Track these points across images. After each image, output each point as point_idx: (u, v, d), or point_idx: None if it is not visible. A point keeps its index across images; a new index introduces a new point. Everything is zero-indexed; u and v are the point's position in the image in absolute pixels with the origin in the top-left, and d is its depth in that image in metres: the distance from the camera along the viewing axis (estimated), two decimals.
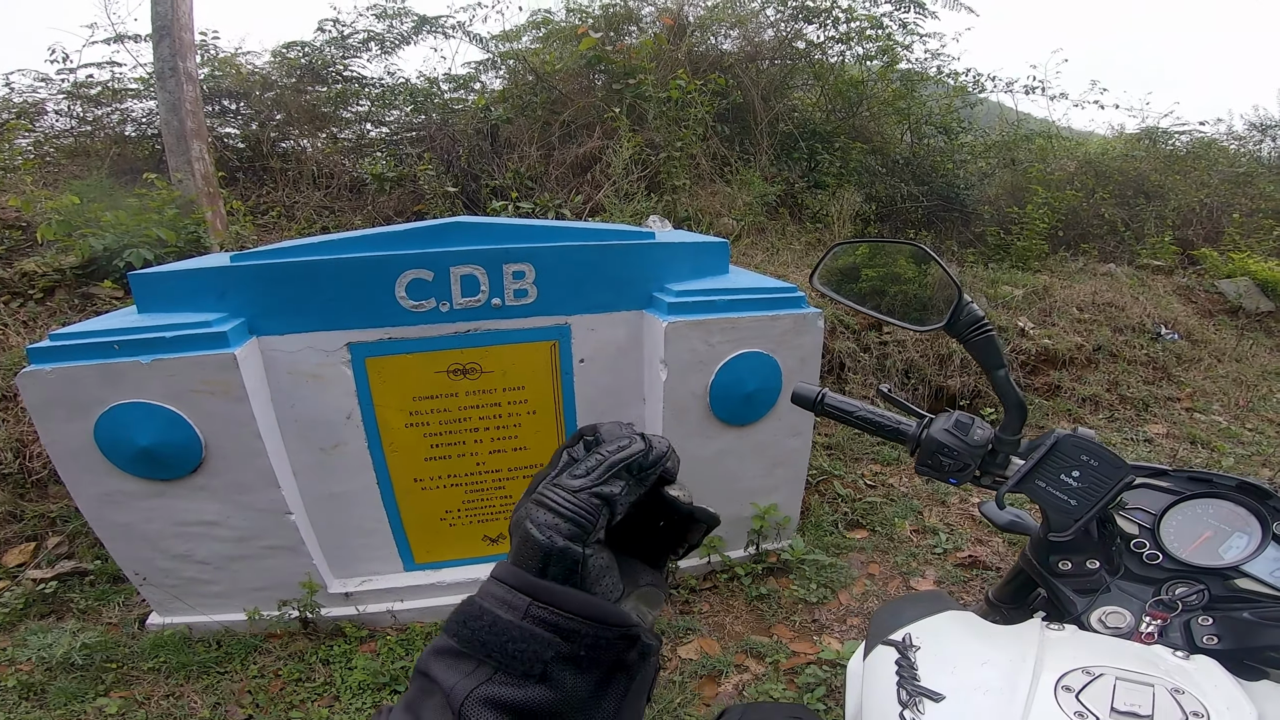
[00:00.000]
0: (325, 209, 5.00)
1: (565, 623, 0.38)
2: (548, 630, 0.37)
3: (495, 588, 0.40)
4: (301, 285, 1.85)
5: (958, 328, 0.85)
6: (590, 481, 0.40)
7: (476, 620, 0.39)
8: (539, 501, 0.41)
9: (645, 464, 0.42)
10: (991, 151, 6.82)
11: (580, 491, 0.40)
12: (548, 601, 0.38)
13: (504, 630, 0.38)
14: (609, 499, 0.40)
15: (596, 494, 0.40)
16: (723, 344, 2.04)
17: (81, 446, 1.76)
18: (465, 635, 0.38)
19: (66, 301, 3.24)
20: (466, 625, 0.39)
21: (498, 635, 0.38)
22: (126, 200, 3.69)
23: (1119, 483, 0.77)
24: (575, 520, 0.39)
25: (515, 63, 5.76)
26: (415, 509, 2.15)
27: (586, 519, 0.39)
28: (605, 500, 0.40)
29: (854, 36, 6.03)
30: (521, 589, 0.38)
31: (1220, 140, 7.67)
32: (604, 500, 0.40)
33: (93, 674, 1.95)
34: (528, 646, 0.37)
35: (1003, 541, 2.66)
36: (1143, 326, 4.58)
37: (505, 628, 0.38)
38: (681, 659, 2.04)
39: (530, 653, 0.37)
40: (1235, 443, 3.60)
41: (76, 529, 2.46)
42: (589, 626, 0.38)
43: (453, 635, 0.39)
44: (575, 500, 0.40)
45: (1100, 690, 0.59)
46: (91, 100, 5.34)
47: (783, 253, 4.62)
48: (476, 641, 0.38)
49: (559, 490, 0.40)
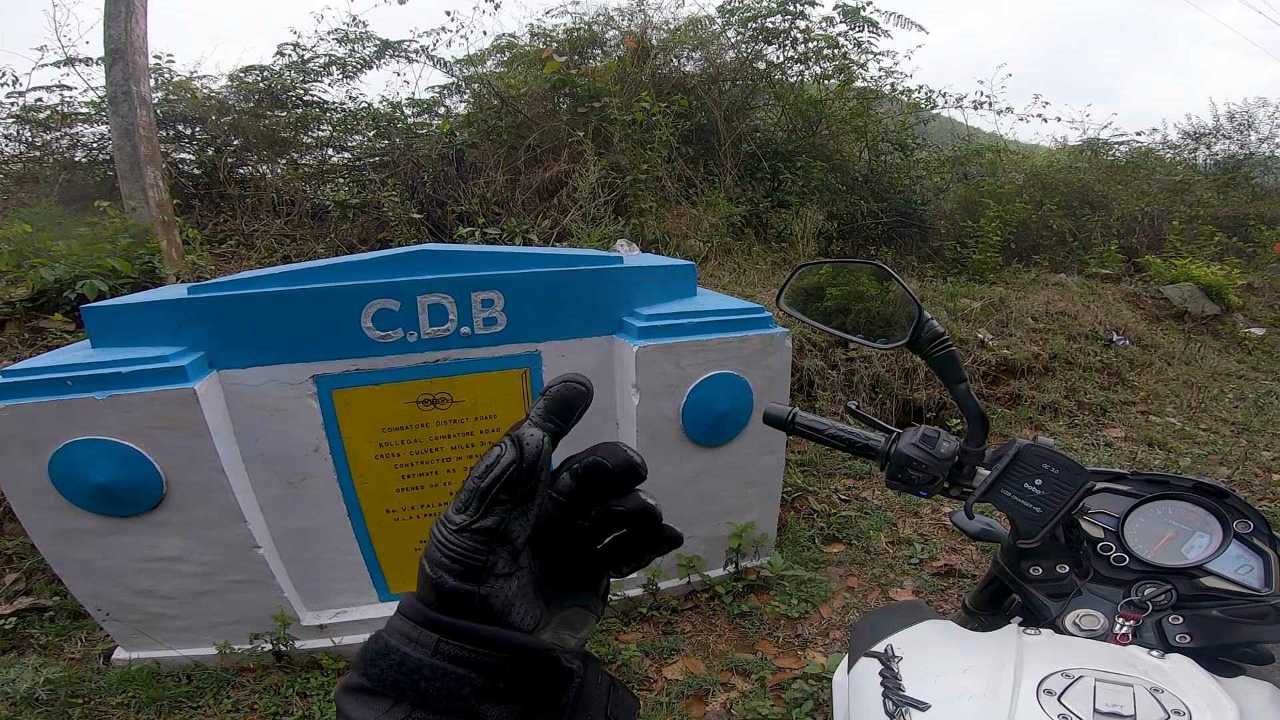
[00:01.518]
0: (286, 237, 4.91)
1: (478, 658, 0.36)
2: (461, 666, 0.35)
3: (402, 624, 0.37)
4: (263, 317, 1.81)
5: (919, 344, 0.87)
6: (468, 519, 0.36)
7: (385, 658, 0.36)
8: (431, 537, 0.38)
9: (519, 478, 0.36)
10: (945, 166, 7.05)
11: (461, 531, 0.36)
12: (456, 637, 0.36)
13: (415, 669, 0.35)
14: (493, 533, 0.36)
15: (477, 531, 0.36)
16: (693, 366, 2.05)
17: (36, 483, 1.70)
18: (375, 674, 0.36)
19: (16, 336, 3.11)
20: (375, 664, 0.36)
21: (409, 674, 0.35)
22: (78, 229, 3.57)
23: (1079, 489, 0.79)
24: (461, 562, 0.36)
25: (480, 86, 5.78)
26: (388, 540, 2.10)
27: (474, 560, 0.36)
28: (489, 534, 0.36)
29: (811, 56, 6.21)
30: (428, 625, 0.36)
31: (1157, 150, 8.06)
32: (488, 535, 0.36)
33: (59, 709, 1.89)
34: (443, 685, 0.35)
35: (976, 549, 2.72)
36: (1095, 334, 4.75)
37: (416, 666, 0.35)
38: (667, 679, 2.02)
39: (447, 690, 0.35)
40: (1191, 443, 3.74)
41: (34, 565, 2.38)
42: (503, 659, 0.36)
43: (362, 674, 0.37)
44: (457, 542, 0.36)
45: (1081, 692, 0.60)
46: (40, 125, 5.18)
47: (749, 272, 4.68)
48: (388, 680, 0.36)
49: (443, 528, 0.37)
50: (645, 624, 2.25)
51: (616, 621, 2.26)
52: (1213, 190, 7.59)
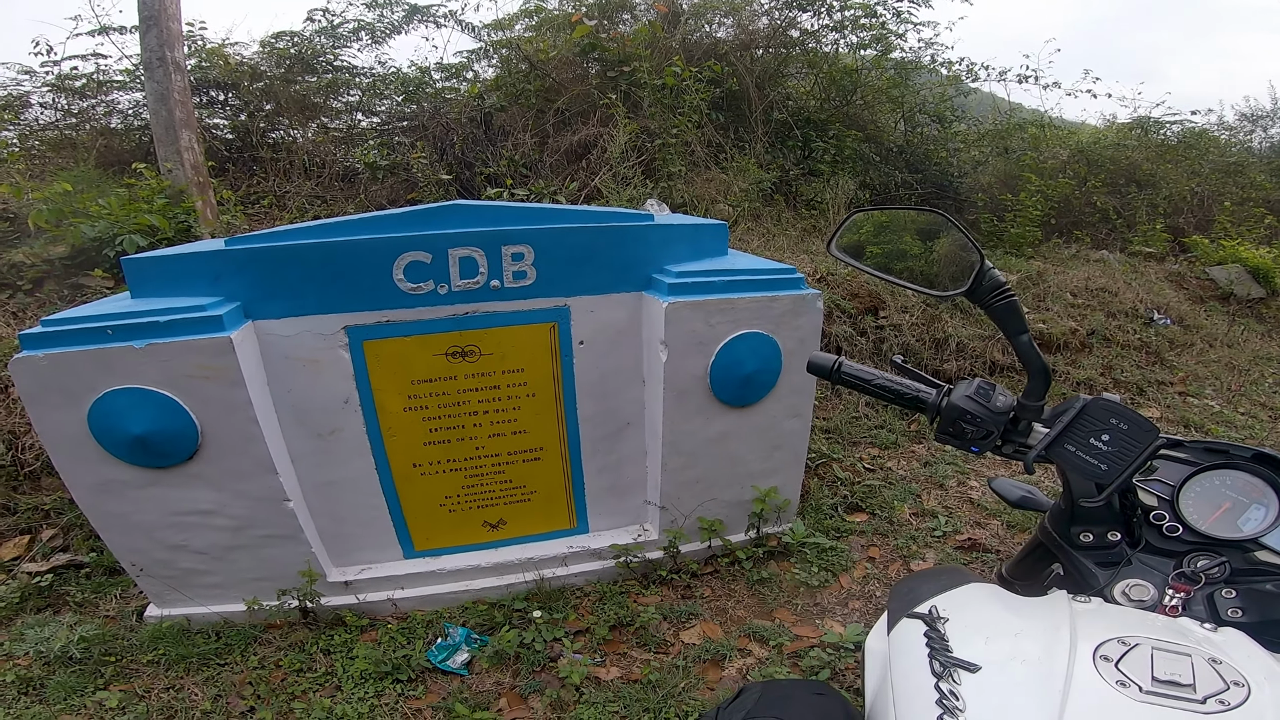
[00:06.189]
0: (317, 198, 4.95)
1: None
2: None
3: None
4: (298, 268, 1.83)
5: (979, 293, 0.84)
6: None
7: None
8: None
9: None
10: (985, 140, 6.84)
11: None
12: None
13: None
14: None
15: None
16: (722, 324, 2.03)
17: (75, 434, 1.73)
18: None
19: (56, 292, 3.19)
20: None
21: None
22: (115, 190, 3.64)
23: (1150, 445, 0.76)
24: None
25: (508, 51, 5.71)
26: (414, 495, 2.13)
27: None
28: None
29: (848, 25, 6.02)
30: None
31: (1211, 130, 7.72)
32: None
33: (91, 667, 1.92)
34: None
35: (1001, 524, 2.68)
36: (1135, 312, 4.61)
37: None
38: (685, 643, 2.04)
39: None
40: (1229, 426, 3.63)
41: (71, 521, 2.42)
42: None
43: None
44: None
45: (1138, 659, 0.58)
46: (76, 93, 5.25)
47: (778, 238, 4.62)
48: None
49: None
50: (664, 587, 2.27)
51: (636, 584, 2.27)
52: (1267, 174, 7.28)
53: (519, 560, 2.19)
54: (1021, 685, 0.60)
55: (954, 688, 0.60)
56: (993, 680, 0.61)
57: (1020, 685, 0.60)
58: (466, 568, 2.19)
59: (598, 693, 1.85)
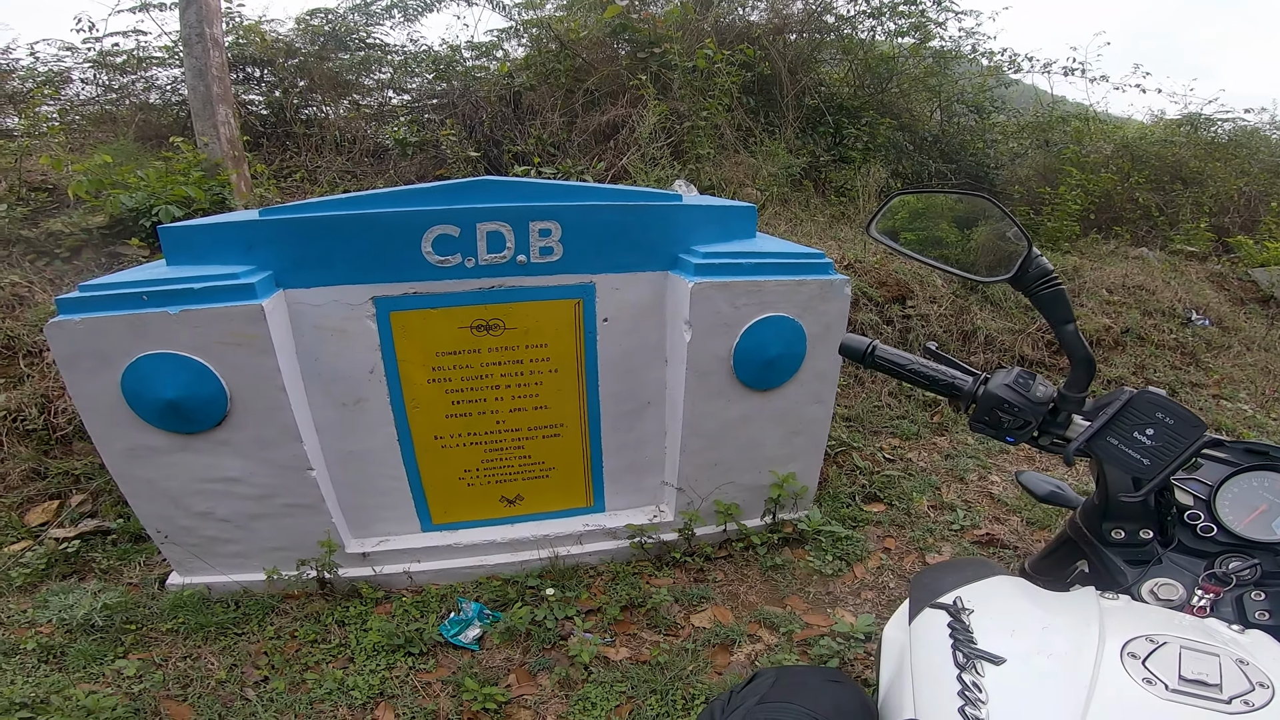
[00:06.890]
0: (347, 173, 5.02)
1: None
2: None
3: None
4: (329, 239, 1.85)
5: (1025, 280, 0.83)
6: None
7: None
8: None
9: None
10: (1024, 132, 6.68)
11: None
12: None
13: None
14: None
15: None
16: (748, 307, 2.01)
17: (108, 399, 1.76)
18: None
19: (93, 260, 3.27)
20: None
21: None
22: (153, 163, 3.72)
23: (1195, 441, 0.75)
24: None
25: (539, 30, 5.70)
26: (435, 467, 2.16)
27: None
28: None
29: (885, 11, 5.90)
30: None
31: (1263, 130, 7.45)
32: None
33: (112, 635, 1.93)
34: None
35: (1020, 520, 2.64)
36: (1173, 311, 4.48)
37: None
38: (695, 627, 2.04)
39: None
40: (1261, 432, 3.53)
41: (100, 486, 2.46)
42: None
43: None
44: None
45: (1166, 657, 0.58)
46: (117, 69, 5.37)
47: (806, 224, 4.57)
48: None
49: None
50: (677, 569, 2.27)
51: (649, 565, 2.28)
52: None
53: (534, 537, 2.21)
54: (1046, 679, 0.59)
55: (977, 679, 0.60)
56: (1017, 673, 0.61)
57: (1045, 679, 0.59)
58: (482, 543, 2.21)
59: (606, 672, 1.86)
